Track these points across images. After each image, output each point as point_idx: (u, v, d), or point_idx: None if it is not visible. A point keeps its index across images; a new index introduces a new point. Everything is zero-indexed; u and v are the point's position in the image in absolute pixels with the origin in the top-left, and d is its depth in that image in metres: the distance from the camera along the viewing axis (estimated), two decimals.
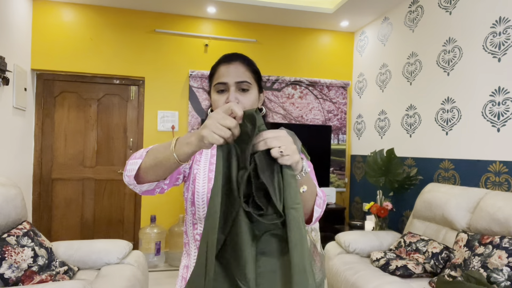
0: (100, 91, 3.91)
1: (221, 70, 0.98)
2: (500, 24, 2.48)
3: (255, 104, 1.01)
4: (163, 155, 0.81)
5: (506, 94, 2.41)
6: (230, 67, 0.97)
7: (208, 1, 3.64)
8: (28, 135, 3.64)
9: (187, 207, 1.02)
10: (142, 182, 0.88)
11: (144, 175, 0.86)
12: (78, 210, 3.86)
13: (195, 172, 1.01)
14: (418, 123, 3.25)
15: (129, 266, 2.38)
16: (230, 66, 0.97)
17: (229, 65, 0.97)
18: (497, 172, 2.47)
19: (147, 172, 0.85)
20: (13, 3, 3.21)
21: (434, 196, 2.61)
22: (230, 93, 0.96)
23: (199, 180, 0.99)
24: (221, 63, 0.99)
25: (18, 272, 1.89)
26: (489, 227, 2.11)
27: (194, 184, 0.99)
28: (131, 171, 0.85)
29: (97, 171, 3.89)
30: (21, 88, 3.37)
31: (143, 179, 0.87)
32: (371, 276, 2.24)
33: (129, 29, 3.88)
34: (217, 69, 0.99)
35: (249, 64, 1.00)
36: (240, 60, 0.99)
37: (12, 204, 2.12)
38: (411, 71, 3.37)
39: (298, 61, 4.32)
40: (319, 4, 3.83)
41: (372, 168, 3.30)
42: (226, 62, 0.98)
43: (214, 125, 0.71)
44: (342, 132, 4.41)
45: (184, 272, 1.02)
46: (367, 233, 2.88)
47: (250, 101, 0.98)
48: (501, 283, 1.81)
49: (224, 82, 0.96)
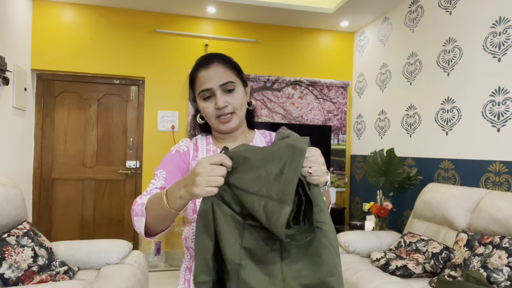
0: (100, 91, 3.91)
1: (201, 76, 0.97)
2: (500, 24, 2.48)
3: (244, 100, 1.01)
4: (161, 211, 0.79)
5: (506, 94, 2.41)
6: (210, 71, 0.96)
7: (208, 1, 3.64)
8: (28, 135, 3.64)
9: (188, 215, 0.97)
10: (155, 234, 0.88)
11: (153, 229, 0.86)
12: (78, 210, 3.86)
13: None
14: (418, 123, 3.25)
15: (129, 266, 2.38)
16: (210, 70, 0.96)
17: (208, 69, 0.96)
18: (497, 172, 2.47)
19: (155, 227, 0.85)
20: (13, 3, 3.21)
21: (434, 196, 2.61)
22: (217, 98, 0.95)
23: None
24: (199, 68, 0.98)
25: (18, 272, 1.89)
26: (489, 227, 2.11)
27: None
28: (139, 228, 0.85)
29: (97, 171, 3.89)
30: (21, 88, 3.37)
31: (155, 232, 0.87)
32: (371, 276, 2.24)
33: (129, 29, 3.88)
34: (197, 76, 0.98)
35: (227, 62, 0.99)
36: (217, 60, 0.97)
37: (12, 204, 2.12)
38: (411, 71, 3.37)
39: (298, 61, 4.32)
40: (319, 4, 3.83)
41: (372, 168, 3.30)
42: (204, 66, 0.97)
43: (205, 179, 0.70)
44: (342, 132, 4.41)
45: (186, 274, 0.98)
46: (367, 233, 2.88)
47: (239, 100, 0.98)
48: (501, 283, 1.81)
49: (208, 88, 0.95)
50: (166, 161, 0.99)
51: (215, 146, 1.05)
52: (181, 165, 0.99)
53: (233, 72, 0.99)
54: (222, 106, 0.95)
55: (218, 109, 0.96)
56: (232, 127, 0.99)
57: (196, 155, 1.02)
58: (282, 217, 0.69)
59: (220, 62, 0.97)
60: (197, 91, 0.99)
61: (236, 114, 0.98)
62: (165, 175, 0.96)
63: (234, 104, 0.97)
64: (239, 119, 1.00)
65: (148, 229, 0.86)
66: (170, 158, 1.00)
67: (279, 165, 0.73)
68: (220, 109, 0.96)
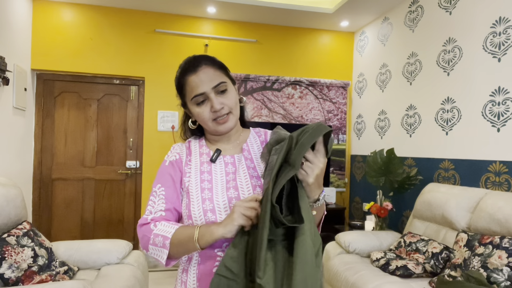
0: (100, 91, 3.91)
1: (191, 80, 0.96)
2: (500, 24, 2.48)
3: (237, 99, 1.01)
4: (187, 246, 0.86)
5: (506, 94, 2.41)
6: (200, 74, 0.95)
7: (208, 1, 3.64)
8: (28, 135, 3.64)
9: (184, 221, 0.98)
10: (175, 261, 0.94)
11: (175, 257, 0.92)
12: (78, 210, 3.86)
13: (187, 185, 0.98)
14: (418, 123, 3.25)
15: (129, 266, 2.38)
16: (199, 73, 0.95)
17: (197, 73, 0.95)
18: (497, 172, 2.47)
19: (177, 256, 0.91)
20: (13, 3, 3.21)
21: (434, 196, 2.61)
22: (212, 101, 0.94)
23: (192, 192, 0.95)
24: (187, 73, 0.97)
25: (18, 272, 1.89)
26: (489, 227, 2.11)
27: (189, 197, 0.95)
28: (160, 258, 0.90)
29: (97, 171, 3.89)
30: (21, 88, 3.37)
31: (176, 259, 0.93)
32: (371, 276, 2.24)
33: (129, 29, 3.88)
34: (186, 81, 0.97)
35: (214, 63, 0.98)
36: (204, 63, 0.96)
37: (12, 204, 2.12)
38: (411, 71, 3.37)
39: (298, 61, 4.32)
40: (319, 4, 3.83)
41: (372, 168, 3.30)
42: (192, 71, 0.95)
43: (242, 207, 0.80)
44: (342, 132, 4.41)
45: (183, 276, 0.98)
46: (367, 233, 2.88)
47: (233, 99, 0.98)
48: (501, 283, 1.81)
49: (201, 92, 0.94)
50: (161, 173, 1.01)
51: (208, 149, 1.05)
52: (177, 174, 1.00)
53: (221, 71, 0.98)
54: (219, 108, 0.95)
55: (215, 111, 0.95)
56: (231, 127, 1.00)
57: (190, 159, 1.03)
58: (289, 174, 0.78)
59: (207, 64, 0.96)
60: (188, 97, 0.98)
61: (232, 113, 0.98)
62: (164, 192, 0.97)
63: (229, 104, 0.97)
64: (235, 118, 1.00)
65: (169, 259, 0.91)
66: (164, 170, 1.02)
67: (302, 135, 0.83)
68: (216, 111, 0.95)
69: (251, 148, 1.04)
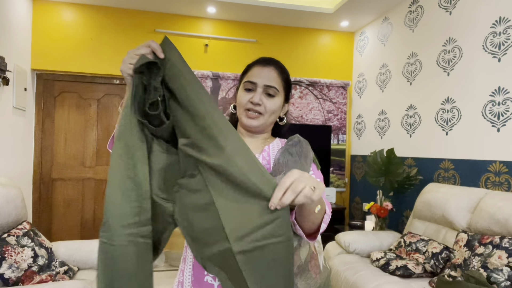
0: (100, 91, 3.91)
1: (254, 70, 1.01)
2: (500, 24, 2.48)
3: (278, 111, 1.03)
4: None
5: (506, 94, 2.41)
6: (264, 70, 1.00)
7: (208, 1, 3.64)
8: (28, 135, 3.64)
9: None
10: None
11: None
12: (78, 210, 3.86)
13: None
14: (418, 123, 3.25)
15: None
16: (264, 69, 1.00)
17: (263, 68, 1.00)
18: (497, 172, 2.47)
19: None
20: (13, 3, 3.21)
21: (434, 196, 2.61)
22: (256, 93, 0.98)
23: None
24: (257, 64, 1.03)
25: (18, 272, 1.89)
26: (489, 227, 2.11)
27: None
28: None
29: (97, 171, 3.89)
30: (21, 88, 3.37)
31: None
32: (371, 276, 2.24)
33: (129, 29, 3.88)
34: (251, 69, 1.03)
35: (282, 72, 1.03)
36: (275, 65, 1.02)
37: (12, 204, 2.12)
38: (411, 71, 3.37)
39: (298, 61, 4.32)
40: (319, 4, 3.83)
41: (372, 168, 3.31)
42: (261, 64, 1.02)
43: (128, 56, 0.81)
44: (342, 132, 4.41)
45: (180, 276, 0.99)
46: (367, 233, 2.88)
47: (274, 107, 1.00)
48: (501, 283, 1.81)
49: (254, 82, 0.99)
50: None
51: None
52: None
53: (282, 83, 1.03)
54: (256, 102, 0.98)
55: (251, 103, 0.99)
56: (254, 126, 1.01)
57: None
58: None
59: (276, 68, 1.02)
60: (244, 80, 1.03)
61: (264, 117, 1.00)
62: None
63: (267, 107, 0.99)
64: (264, 123, 1.02)
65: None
66: None
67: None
68: (253, 103, 0.99)
69: (271, 151, 1.04)
